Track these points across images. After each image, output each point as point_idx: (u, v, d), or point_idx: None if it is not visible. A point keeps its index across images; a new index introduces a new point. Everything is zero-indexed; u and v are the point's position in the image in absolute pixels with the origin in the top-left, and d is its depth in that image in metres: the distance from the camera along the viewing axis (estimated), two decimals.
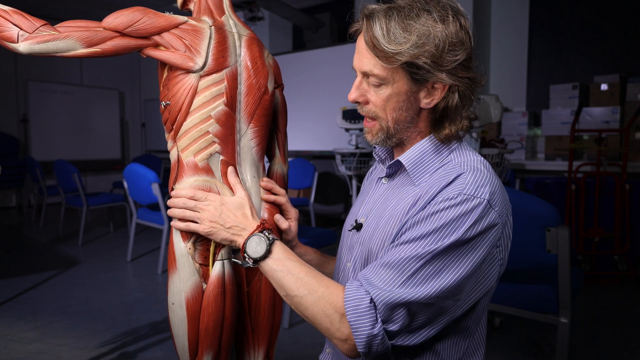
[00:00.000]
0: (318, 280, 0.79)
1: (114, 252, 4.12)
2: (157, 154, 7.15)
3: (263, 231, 0.85)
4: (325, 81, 5.14)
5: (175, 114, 0.95)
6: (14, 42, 0.86)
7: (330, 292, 0.77)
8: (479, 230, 0.73)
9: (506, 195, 0.81)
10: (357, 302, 0.74)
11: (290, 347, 2.24)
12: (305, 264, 0.83)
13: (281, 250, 0.84)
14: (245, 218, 0.88)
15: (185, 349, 0.98)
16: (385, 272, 0.75)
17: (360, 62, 0.80)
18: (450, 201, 0.73)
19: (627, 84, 3.73)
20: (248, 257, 0.83)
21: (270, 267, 0.82)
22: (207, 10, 0.99)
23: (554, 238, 1.50)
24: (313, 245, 1.17)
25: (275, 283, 0.83)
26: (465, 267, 0.73)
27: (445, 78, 0.76)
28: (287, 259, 0.83)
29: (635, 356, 2.15)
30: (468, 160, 0.81)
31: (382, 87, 0.80)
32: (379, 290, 0.74)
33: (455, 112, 0.80)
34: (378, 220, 0.85)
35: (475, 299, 0.79)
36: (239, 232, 0.87)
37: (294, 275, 0.80)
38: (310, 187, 4.36)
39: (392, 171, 0.89)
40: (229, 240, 0.88)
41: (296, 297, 0.79)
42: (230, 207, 0.89)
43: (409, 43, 0.73)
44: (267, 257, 0.83)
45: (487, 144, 3.17)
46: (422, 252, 0.73)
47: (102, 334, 2.40)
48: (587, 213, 3.29)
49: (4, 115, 6.52)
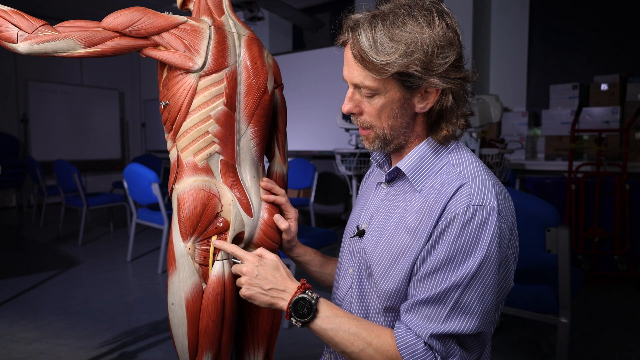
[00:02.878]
0: (369, 332, 0.78)
1: (114, 252, 4.12)
2: (157, 154, 7.15)
3: (305, 291, 0.83)
4: (325, 81, 5.14)
5: (175, 114, 0.95)
6: (13, 42, 0.86)
7: (383, 342, 0.77)
8: (497, 238, 0.73)
9: (508, 196, 0.82)
10: (412, 349, 0.74)
11: (290, 347, 2.24)
12: (353, 317, 0.82)
13: (327, 307, 0.82)
14: (284, 279, 0.86)
15: (185, 349, 0.98)
16: (426, 309, 0.74)
17: (350, 75, 0.80)
18: (463, 217, 0.73)
19: (627, 84, 3.72)
20: (296, 321, 0.81)
21: (320, 327, 0.81)
22: (207, 10, 0.99)
23: (554, 238, 1.50)
24: (313, 246, 1.17)
25: (328, 341, 0.81)
26: (496, 280, 0.74)
27: (437, 82, 0.75)
28: (335, 316, 0.81)
29: (635, 356, 2.15)
30: (465, 163, 0.80)
31: (375, 97, 0.79)
32: (427, 329, 0.73)
33: (451, 113, 0.80)
34: (382, 230, 0.85)
35: (498, 303, 0.80)
36: (278, 294, 0.85)
37: (345, 331, 0.79)
38: (310, 187, 4.36)
39: (391, 177, 0.89)
40: (269, 303, 0.86)
41: (353, 353, 0.78)
42: (267, 268, 0.87)
43: (397, 53, 0.73)
44: (316, 317, 0.81)
45: (487, 144, 3.16)
46: (456, 279, 0.72)
47: (102, 334, 2.40)
48: (587, 213, 3.29)
49: (4, 115, 6.52)
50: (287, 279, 0.86)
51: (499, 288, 0.78)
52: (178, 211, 0.95)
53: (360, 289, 0.87)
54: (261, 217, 1.01)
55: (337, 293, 0.95)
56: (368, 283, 0.85)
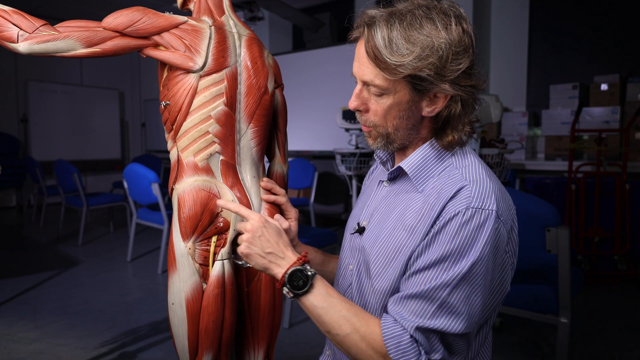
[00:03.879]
0: (359, 318, 0.78)
1: (114, 252, 4.12)
2: (157, 154, 7.15)
3: (304, 264, 0.81)
4: (325, 81, 5.14)
5: (175, 114, 0.95)
6: (13, 42, 0.86)
7: (370, 331, 0.77)
8: (493, 242, 0.73)
9: (509, 200, 0.81)
10: (397, 339, 0.74)
11: (290, 347, 2.24)
12: (346, 300, 0.81)
13: (323, 285, 0.81)
14: (286, 247, 0.84)
15: (185, 349, 0.98)
16: (414, 303, 0.75)
17: (361, 71, 0.79)
18: (461, 217, 0.73)
19: (627, 84, 3.72)
20: (288, 290, 0.80)
21: (311, 303, 0.80)
22: (207, 10, 0.99)
23: (554, 238, 1.50)
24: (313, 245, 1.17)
25: (315, 319, 0.81)
26: (488, 284, 0.74)
27: (448, 88, 0.75)
28: (328, 295, 0.80)
29: (635, 356, 2.15)
30: (468, 166, 0.80)
31: (384, 97, 0.78)
32: (413, 322, 0.74)
33: (458, 119, 0.80)
34: (380, 229, 0.85)
35: (493, 306, 0.80)
36: (276, 260, 0.83)
37: (336, 312, 0.78)
38: (310, 187, 4.36)
39: (393, 175, 0.89)
40: (264, 267, 0.84)
41: (338, 335, 0.78)
42: (271, 231, 0.85)
43: (412, 55, 0.72)
44: (309, 292, 0.80)
45: (487, 144, 3.16)
46: (446, 278, 0.72)
47: (102, 334, 2.40)
48: (587, 213, 3.29)
49: (4, 115, 6.52)
50: (288, 248, 0.85)
51: (493, 292, 0.78)
52: (178, 211, 0.95)
53: (360, 286, 0.87)
54: None
55: (337, 289, 0.95)
56: (366, 280, 0.85)
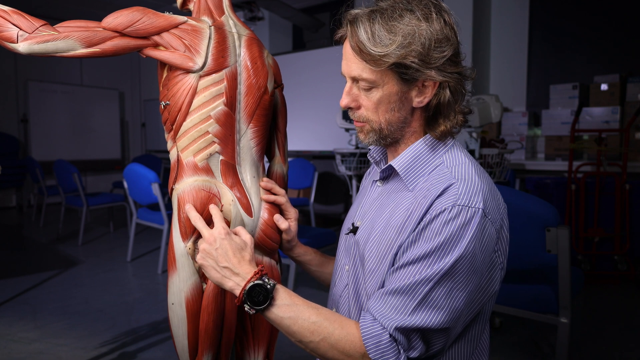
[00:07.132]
0: (331, 321, 0.77)
1: (114, 252, 4.12)
2: (157, 154, 7.15)
3: (262, 277, 0.79)
4: (325, 81, 5.14)
5: (175, 114, 0.95)
6: (13, 42, 0.86)
7: (346, 333, 0.76)
8: (479, 240, 0.73)
9: (499, 198, 0.81)
10: (376, 339, 0.74)
11: (290, 347, 2.24)
12: (313, 305, 0.79)
13: (286, 294, 0.79)
14: (240, 263, 0.82)
15: (185, 349, 0.98)
16: (395, 299, 0.74)
17: (348, 68, 0.80)
18: (447, 214, 0.73)
19: (627, 84, 3.72)
20: (249, 307, 0.78)
21: (276, 315, 0.78)
22: (207, 10, 0.99)
23: (554, 238, 1.50)
24: (313, 245, 1.17)
25: (285, 330, 0.79)
26: (472, 281, 0.74)
27: (435, 75, 0.76)
28: (293, 304, 0.78)
29: (635, 356, 2.15)
30: (459, 165, 0.80)
31: (373, 91, 0.79)
32: (393, 320, 0.73)
33: (449, 107, 0.80)
34: (371, 228, 0.85)
35: (479, 306, 0.80)
36: (230, 276, 0.81)
37: (305, 320, 0.77)
38: (310, 187, 4.36)
39: (385, 175, 0.89)
40: (218, 281, 0.83)
41: (312, 342, 0.77)
42: (232, 244, 0.84)
43: (394, 44, 0.73)
44: (273, 305, 0.78)
45: (487, 144, 3.16)
46: (429, 273, 0.72)
47: (102, 334, 2.40)
48: (587, 213, 3.29)
49: (4, 115, 6.52)
50: (246, 264, 0.82)
51: (479, 290, 0.77)
52: (178, 211, 0.95)
53: (356, 287, 0.87)
54: (261, 217, 1.01)
55: (334, 290, 0.95)
56: (362, 281, 0.85)
